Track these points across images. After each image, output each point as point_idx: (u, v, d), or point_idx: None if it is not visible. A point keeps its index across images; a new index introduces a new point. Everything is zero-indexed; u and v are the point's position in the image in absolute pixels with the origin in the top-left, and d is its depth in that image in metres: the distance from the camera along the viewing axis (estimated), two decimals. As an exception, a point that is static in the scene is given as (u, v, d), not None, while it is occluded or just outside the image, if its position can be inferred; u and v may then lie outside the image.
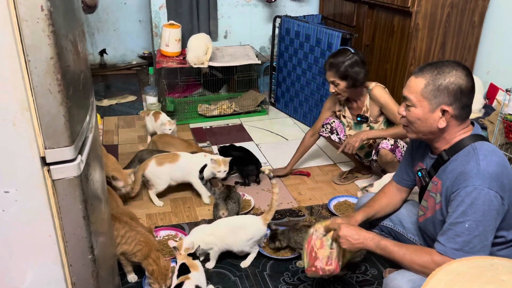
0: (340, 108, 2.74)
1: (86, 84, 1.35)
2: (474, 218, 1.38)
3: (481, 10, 3.07)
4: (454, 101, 1.46)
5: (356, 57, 2.47)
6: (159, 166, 2.50)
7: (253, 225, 2.08)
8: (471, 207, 1.38)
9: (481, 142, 1.49)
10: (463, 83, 1.46)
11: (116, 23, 4.79)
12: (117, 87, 4.44)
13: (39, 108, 1.03)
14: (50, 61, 1.00)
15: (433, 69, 1.49)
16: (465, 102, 1.48)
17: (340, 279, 2.03)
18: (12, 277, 1.18)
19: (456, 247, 1.40)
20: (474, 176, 1.39)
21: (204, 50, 3.56)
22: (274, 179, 2.11)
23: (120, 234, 1.86)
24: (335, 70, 2.48)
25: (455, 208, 1.41)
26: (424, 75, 1.49)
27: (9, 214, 1.10)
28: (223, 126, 3.67)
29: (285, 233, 2.14)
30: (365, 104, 2.59)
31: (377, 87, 2.53)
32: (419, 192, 1.74)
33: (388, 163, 2.47)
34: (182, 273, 1.80)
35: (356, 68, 2.46)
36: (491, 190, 1.37)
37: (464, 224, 1.39)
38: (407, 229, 1.87)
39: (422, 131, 1.55)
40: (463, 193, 1.40)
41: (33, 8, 0.95)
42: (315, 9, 4.37)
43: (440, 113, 1.48)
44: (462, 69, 1.48)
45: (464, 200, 1.39)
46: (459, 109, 1.48)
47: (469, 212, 1.38)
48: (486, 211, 1.38)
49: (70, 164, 1.12)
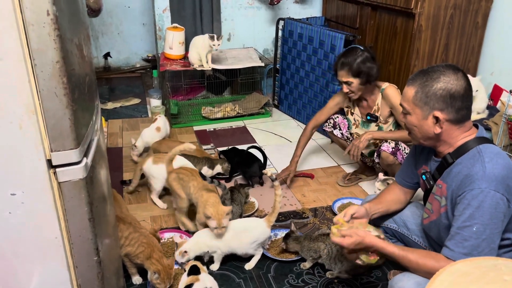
0: (349, 105, 2.73)
1: (91, 87, 1.36)
2: (481, 221, 1.37)
3: (484, 11, 3.07)
4: (445, 106, 1.46)
5: (366, 53, 2.48)
6: (155, 165, 2.50)
7: (257, 228, 2.08)
8: (478, 210, 1.38)
9: (486, 144, 1.48)
10: (452, 87, 1.45)
11: (120, 27, 4.82)
12: (121, 90, 4.46)
13: (45, 111, 1.05)
14: (56, 64, 1.02)
15: (422, 76, 1.50)
16: (459, 105, 1.47)
17: (344, 281, 2.03)
18: (18, 279, 1.19)
19: (465, 251, 1.39)
20: (480, 179, 1.39)
21: (206, 48, 3.54)
22: (276, 181, 2.11)
23: (124, 235, 1.87)
24: (347, 68, 2.46)
25: (462, 211, 1.41)
26: (414, 83, 1.51)
27: (15, 216, 1.11)
28: (227, 129, 3.68)
29: (299, 240, 2.11)
30: (376, 103, 2.58)
31: (391, 87, 2.52)
32: (424, 194, 1.73)
33: (390, 165, 2.47)
34: (192, 272, 1.80)
35: (368, 64, 2.45)
36: (497, 193, 1.37)
37: (472, 227, 1.38)
38: (411, 231, 1.87)
39: (421, 137, 1.56)
40: (470, 196, 1.39)
41: (39, 12, 0.97)
42: (318, 11, 4.38)
43: (434, 120, 1.49)
44: (452, 72, 1.47)
45: (470, 203, 1.39)
46: (454, 113, 1.47)
47: (476, 215, 1.38)
48: (493, 213, 1.37)
49: (75, 166, 1.13)
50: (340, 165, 3.13)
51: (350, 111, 2.74)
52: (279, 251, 2.19)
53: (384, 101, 2.55)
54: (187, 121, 3.73)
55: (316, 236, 2.11)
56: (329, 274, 2.06)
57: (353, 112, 2.73)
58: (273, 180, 2.11)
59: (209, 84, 4.05)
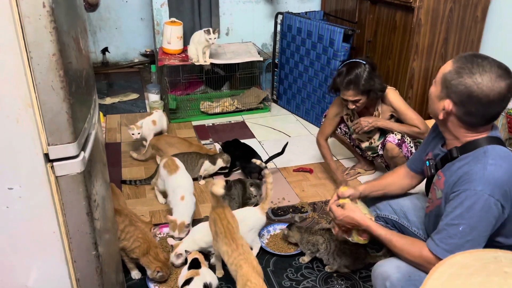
0: (348, 113, 2.66)
1: (89, 81, 1.35)
2: (468, 223, 1.36)
3: (484, 4, 3.06)
4: (459, 103, 1.41)
5: (368, 67, 2.37)
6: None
7: (252, 216, 2.09)
8: (468, 211, 1.36)
9: (495, 145, 1.43)
10: (476, 90, 1.35)
11: (118, 21, 4.79)
12: (120, 85, 4.44)
13: (42, 105, 1.04)
14: (53, 57, 1.01)
15: (466, 62, 1.39)
16: (471, 110, 1.40)
17: (343, 275, 2.04)
18: (17, 274, 1.19)
19: (448, 248, 1.39)
20: (477, 180, 1.36)
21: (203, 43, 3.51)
22: (266, 169, 2.13)
23: (120, 228, 1.87)
24: (355, 87, 2.36)
25: (453, 208, 1.40)
26: (456, 63, 1.42)
27: (13, 210, 1.10)
28: (226, 124, 3.68)
29: (301, 231, 2.13)
30: (376, 109, 2.54)
31: (390, 91, 2.48)
32: (426, 183, 1.73)
33: (394, 157, 2.44)
34: (192, 266, 1.81)
35: (375, 79, 2.37)
36: (492, 197, 1.34)
37: (458, 227, 1.37)
38: (411, 223, 1.87)
39: (430, 110, 1.54)
40: (463, 195, 1.38)
41: (35, 5, 0.95)
42: (317, 6, 4.37)
43: (444, 105, 1.44)
44: (495, 77, 1.36)
45: (462, 203, 1.37)
46: (462, 113, 1.42)
47: (465, 216, 1.36)
48: (482, 217, 1.35)
49: (73, 160, 1.12)
50: (339, 159, 3.13)
51: (350, 119, 2.69)
52: (280, 238, 2.23)
53: (384, 105, 2.51)
54: (186, 116, 3.72)
55: (316, 230, 2.11)
56: (328, 268, 2.07)
57: (353, 119, 2.67)
58: (263, 168, 2.13)
59: (207, 79, 4.03)
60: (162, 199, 2.56)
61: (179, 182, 2.32)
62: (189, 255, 1.91)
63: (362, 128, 2.50)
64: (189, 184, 2.36)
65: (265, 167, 2.13)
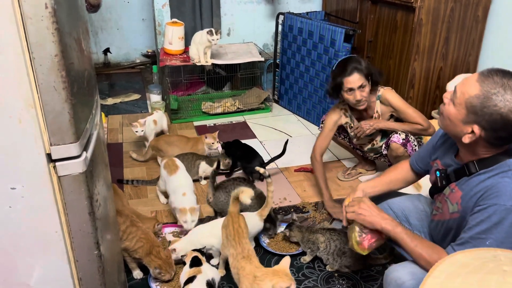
0: (346, 121, 2.62)
1: (90, 82, 1.36)
2: (496, 238, 1.32)
3: (485, 4, 3.06)
4: (489, 129, 1.33)
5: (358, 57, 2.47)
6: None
7: (249, 222, 2.09)
8: (496, 227, 1.32)
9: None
10: (508, 113, 1.27)
11: (120, 22, 4.80)
12: (121, 86, 4.45)
13: (44, 105, 1.04)
14: (55, 58, 1.01)
15: (497, 85, 1.29)
16: (501, 135, 1.33)
17: (344, 275, 2.04)
18: (19, 273, 1.20)
19: None
20: (506, 194, 1.31)
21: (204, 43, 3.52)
22: (269, 178, 2.12)
23: (122, 229, 1.87)
24: (359, 71, 2.35)
25: (479, 222, 1.35)
26: (484, 84, 1.30)
27: (15, 210, 1.11)
28: (227, 124, 3.68)
29: (302, 230, 2.14)
30: (375, 111, 2.53)
31: (388, 91, 2.48)
32: (432, 188, 1.68)
33: (398, 157, 2.43)
34: (194, 264, 1.81)
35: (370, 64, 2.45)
36: None
37: (485, 241, 1.33)
38: (413, 226, 1.84)
39: (448, 131, 1.46)
40: (491, 210, 1.33)
41: (37, 6, 0.96)
42: (318, 6, 4.37)
43: (470, 129, 1.36)
44: None
45: (490, 218, 1.33)
46: (492, 138, 1.35)
47: (493, 231, 1.32)
48: (510, 233, 1.31)
49: (75, 160, 1.13)
50: (340, 159, 3.13)
51: (349, 126, 2.65)
52: (281, 238, 2.23)
53: (383, 106, 2.51)
54: (187, 117, 3.73)
55: (317, 229, 2.12)
56: (329, 267, 2.07)
57: (352, 126, 2.63)
58: (266, 177, 2.12)
59: (209, 79, 4.04)
60: (163, 199, 2.56)
61: (179, 182, 2.34)
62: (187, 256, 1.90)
63: (364, 131, 2.49)
64: (189, 184, 2.38)
65: (268, 176, 2.12)
